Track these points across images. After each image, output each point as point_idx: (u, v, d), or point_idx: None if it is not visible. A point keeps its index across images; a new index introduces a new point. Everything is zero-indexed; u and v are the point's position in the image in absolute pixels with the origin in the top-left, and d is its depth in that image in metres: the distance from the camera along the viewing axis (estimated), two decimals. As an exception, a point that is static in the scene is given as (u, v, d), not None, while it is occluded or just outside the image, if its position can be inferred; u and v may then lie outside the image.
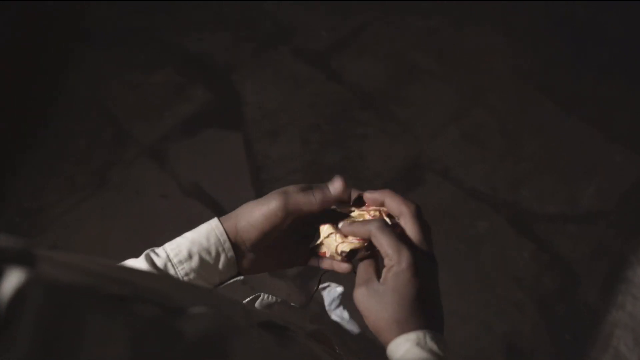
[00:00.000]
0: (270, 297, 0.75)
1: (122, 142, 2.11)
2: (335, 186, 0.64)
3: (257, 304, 0.74)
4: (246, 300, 0.73)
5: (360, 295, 0.61)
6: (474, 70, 2.27)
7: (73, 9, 2.42)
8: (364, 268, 0.64)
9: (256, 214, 0.65)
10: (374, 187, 0.65)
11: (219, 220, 0.65)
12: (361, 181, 1.99)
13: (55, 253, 0.43)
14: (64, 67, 2.28)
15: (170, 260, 0.63)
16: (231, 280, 0.67)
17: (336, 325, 1.59)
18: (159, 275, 0.46)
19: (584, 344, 1.73)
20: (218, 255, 0.64)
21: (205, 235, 0.64)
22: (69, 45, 2.34)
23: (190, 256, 0.63)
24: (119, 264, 0.40)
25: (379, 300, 0.60)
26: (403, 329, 0.58)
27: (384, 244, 0.60)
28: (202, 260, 0.63)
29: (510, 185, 2.00)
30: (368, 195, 0.65)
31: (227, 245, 0.64)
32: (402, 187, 1.98)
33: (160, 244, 0.66)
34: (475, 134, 2.12)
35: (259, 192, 1.99)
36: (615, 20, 2.39)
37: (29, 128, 2.14)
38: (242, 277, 0.67)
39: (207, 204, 1.96)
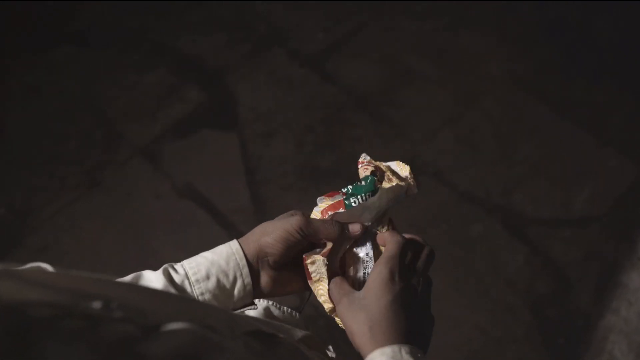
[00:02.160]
0: (264, 301, 0.74)
1: (115, 142, 2.10)
2: (354, 229, 0.69)
3: (249, 308, 0.73)
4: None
5: (342, 308, 0.62)
6: (468, 74, 2.27)
7: (66, 9, 2.41)
8: (337, 285, 0.65)
9: (279, 229, 0.66)
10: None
11: (239, 242, 0.67)
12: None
13: (29, 269, 0.42)
14: (57, 68, 2.27)
15: (188, 278, 0.64)
16: (245, 308, 0.68)
17: (331, 328, 1.59)
18: (140, 287, 0.45)
19: (577, 349, 1.73)
20: (235, 279, 0.65)
21: (225, 257, 0.65)
22: (62, 45, 2.33)
23: (208, 277, 0.64)
24: (99, 275, 0.39)
25: (360, 307, 0.61)
26: (378, 342, 0.58)
27: (387, 236, 0.65)
28: (219, 282, 0.64)
29: (503, 189, 2.01)
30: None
31: (246, 270, 0.65)
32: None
33: (153, 244, 0.67)
34: (469, 137, 2.12)
35: (254, 193, 1.98)
36: (608, 24, 2.40)
37: (21, 128, 2.13)
38: (256, 307, 0.69)
39: (201, 204, 1.95)
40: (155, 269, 0.66)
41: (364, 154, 0.74)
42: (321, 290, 0.67)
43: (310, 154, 2.07)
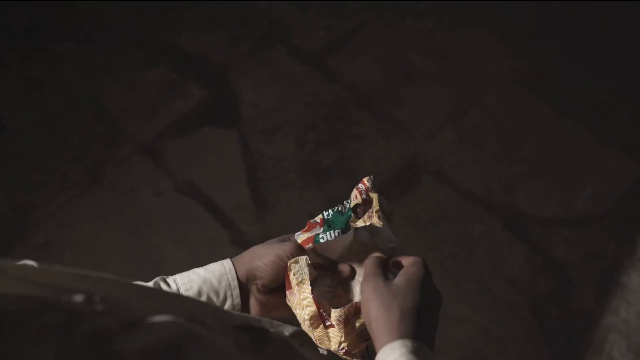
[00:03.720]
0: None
1: (116, 139, 2.10)
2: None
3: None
4: None
5: (377, 287, 0.63)
6: (470, 72, 2.27)
7: (68, 5, 2.40)
8: (376, 263, 0.66)
9: (270, 254, 0.68)
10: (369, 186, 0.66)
11: (232, 262, 0.68)
12: (356, 181, 1.98)
13: (12, 264, 0.42)
14: (58, 64, 2.27)
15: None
16: None
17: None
18: (126, 283, 0.45)
19: (577, 348, 1.73)
20: (225, 299, 0.66)
21: (217, 276, 0.66)
22: (64, 41, 2.32)
23: (200, 294, 0.65)
24: (84, 271, 0.39)
25: (396, 294, 0.62)
26: (402, 334, 0.58)
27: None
28: (209, 299, 0.65)
29: (505, 188, 2.00)
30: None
31: (236, 292, 0.66)
32: (397, 188, 1.98)
33: (154, 241, 0.67)
34: (471, 135, 2.11)
35: (255, 190, 1.98)
36: (610, 24, 2.39)
37: (22, 124, 2.13)
38: None
39: (202, 202, 1.95)
40: (156, 265, 0.67)
41: (370, 177, 0.75)
42: (304, 293, 0.66)
43: (311, 152, 2.07)
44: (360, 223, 0.71)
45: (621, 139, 2.11)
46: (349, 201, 0.73)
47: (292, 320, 0.70)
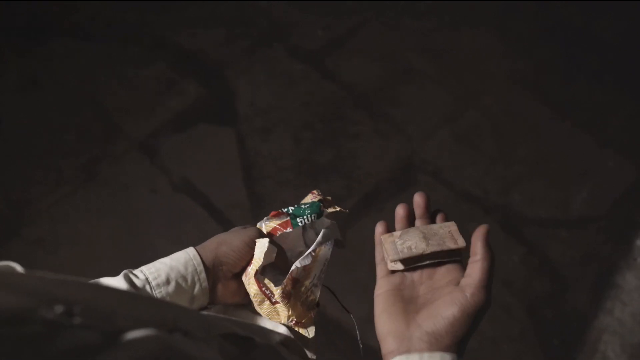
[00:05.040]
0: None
1: (112, 136, 2.09)
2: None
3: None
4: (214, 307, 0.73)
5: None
6: (468, 73, 2.27)
7: (66, 2, 2.40)
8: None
9: (236, 240, 0.70)
10: (365, 186, 0.65)
11: (196, 249, 0.69)
12: (352, 181, 1.98)
13: None
14: (55, 60, 2.26)
15: (149, 283, 0.66)
16: (200, 311, 0.69)
17: (322, 324, 1.58)
18: (109, 289, 0.44)
19: (571, 349, 1.73)
20: (194, 283, 0.67)
21: (183, 263, 0.68)
22: (62, 38, 2.32)
23: (168, 281, 0.66)
24: (67, 277, 0.38)
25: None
26: (440, 346, 0.58)
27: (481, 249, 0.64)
28: (178, 286, 0.66)
29: (501, 189, 2.00)
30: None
31: (203, 275, 0.68)
32: (393, 187, 1.98)
33: (149, 238, 0.68)
34: (468, 136, 2.11)
35: (250, 189, 1.97)
36: (610, 25, 2.39)
37: (19, 120, 2.12)
38: (210, 307, 0.71)
39: (197, 199, 1.95)
40: (151, 262, 0.68)
41: (317, 190, 0.77)
42: (251, 273, 0.69)
43: (308, 151, 2.07)
44: (330, 210, 0.74)
45: (619, 141, 2.11)
46: (304, 204, 0.75)
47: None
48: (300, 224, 0.72)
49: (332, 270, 0.75)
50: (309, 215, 0.72)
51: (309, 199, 0.76)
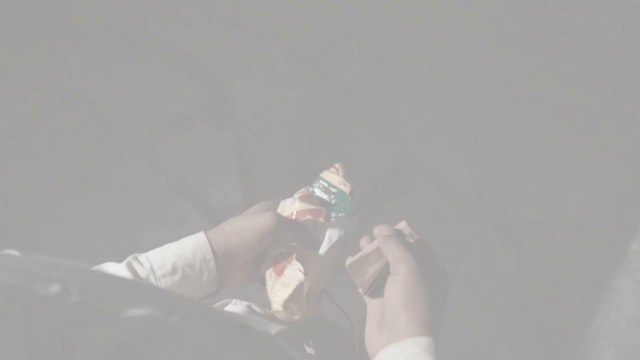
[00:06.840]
0: (241, 302, 0.74)
1: (109, 137, 2.09)
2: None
3: (227, 308, 0.73)
4: (217, 304, 0.72)
5: (416, 272, 0.64)
6: (464, 76, 2.27)
7: (62, 3, 2.40)
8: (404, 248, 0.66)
9: (249, 231, 0.67)
10: (362, 188, 0.66)
11: (206, 235, 0.66)
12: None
13: None
14: (52, 61, 2.26)
15: (153, 273, 0.63)
16: (208, 297, 0.68)
17: (319, 323, 1.59)
18: (108, 275, 0.44)
19: (566, 352, 1.74)
20: (202, 272, 0.64)
21: (191, 251, 0.65)
22: (58, 38, 2.31)
23: (174, 270, 0.63)
24: (66, 261, 0.39)
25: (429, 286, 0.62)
26: (424, 329, 0.62)
27: (390, 253, 0.63)
28: (185, 275, 0.64)
29: (497, 191, 2.01)
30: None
31: (212, 264, 0.65)
32: (389, 190, 1.98)
33: (145, 241, 0.66)
34: (464, 139, 2.12)
35: (247, 190, 1.98)
36: (604, 30, 2.40)
37: (15, 120, 2.12)
38: (217, 292, 0.69)
39: (194, 201, 1.95)
40: None
41: (340, 164, 0.75)
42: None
43: (305, 153, 2.07)
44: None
45: (613, 145, 2.12)
46: (329, 183, 0.73)
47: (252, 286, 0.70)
48: (333, 219, 0.70)
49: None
50: (343, 214, 0.71)
51: (333, 179, 0.73)
